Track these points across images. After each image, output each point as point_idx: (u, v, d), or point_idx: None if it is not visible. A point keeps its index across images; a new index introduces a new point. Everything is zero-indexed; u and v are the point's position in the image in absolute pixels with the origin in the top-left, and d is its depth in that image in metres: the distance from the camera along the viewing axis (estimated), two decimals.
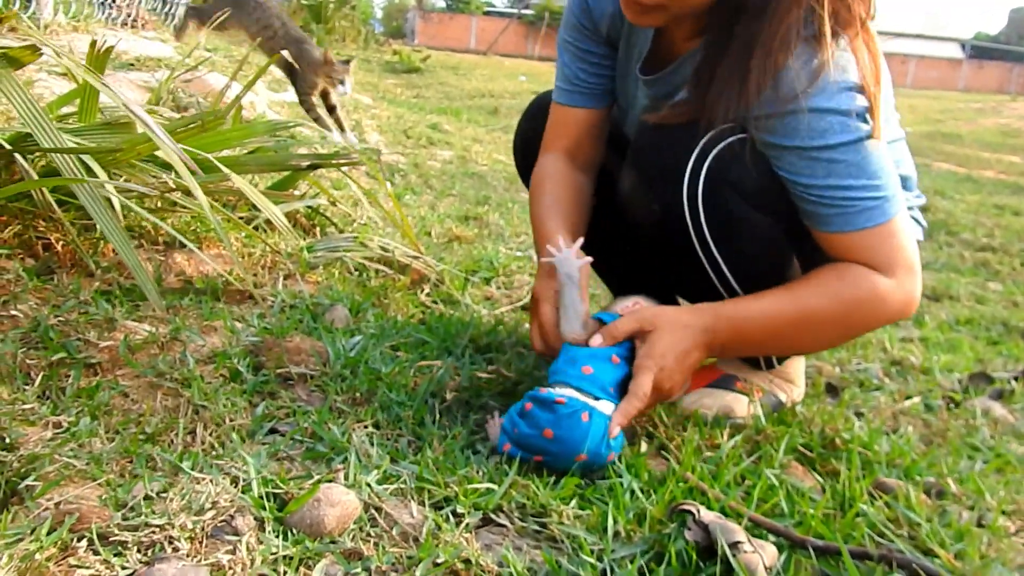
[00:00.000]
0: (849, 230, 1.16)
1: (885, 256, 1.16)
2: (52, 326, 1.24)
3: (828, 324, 1.20)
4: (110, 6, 4.17)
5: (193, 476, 0.94)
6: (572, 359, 1.15)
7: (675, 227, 1.21)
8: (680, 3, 1.13)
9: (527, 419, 1.08)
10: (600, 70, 1.41)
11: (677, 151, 1.19)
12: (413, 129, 4.57)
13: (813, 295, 1.19)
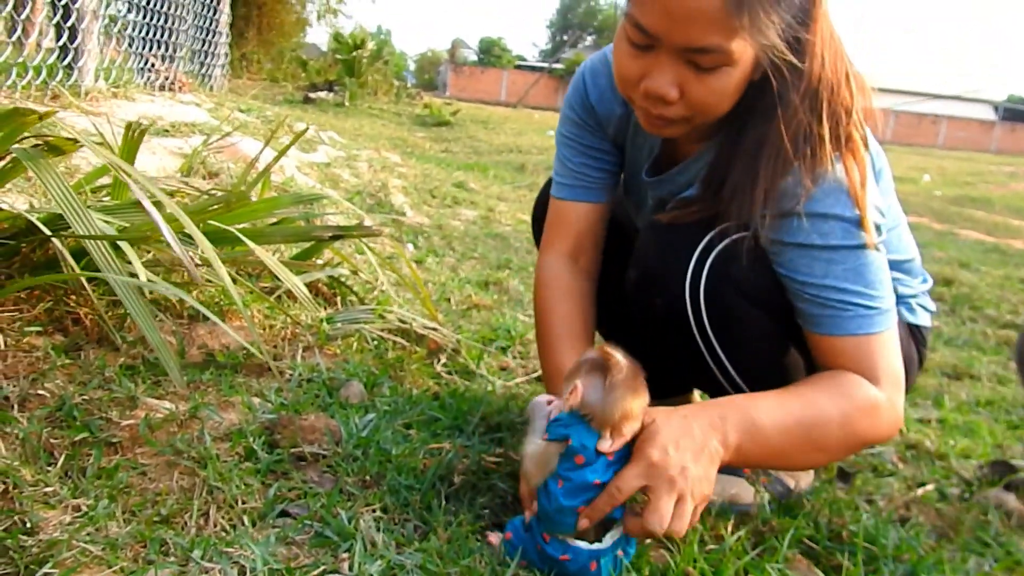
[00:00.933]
0: (840, 334, 1.17)
1: (874, 366, 1.17)
2: (76, 405, 1.29)
3: (833, 427, 1.15)
4: (149, 70, 4.33)
5: (202, 566, 0.96)
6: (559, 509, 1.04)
7: (678, 323, 1.23)
8: (703, 115, 1.17)
9: (542, 558, 1.06)
10: (604, 165, 1.45)
11: (680, 248, 1.22)
12: (439, 188, 4.66)
13: (817, 396, 1.16)
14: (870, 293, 1.16)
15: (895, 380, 1.18)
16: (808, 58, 1.12)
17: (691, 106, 1.14)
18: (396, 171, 4.82)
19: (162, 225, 1.23)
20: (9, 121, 1.37)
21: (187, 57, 4.98)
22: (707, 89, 1.12)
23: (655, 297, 1.26)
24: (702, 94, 1.12)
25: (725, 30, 1.04)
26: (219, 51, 5.60)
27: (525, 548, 1.08)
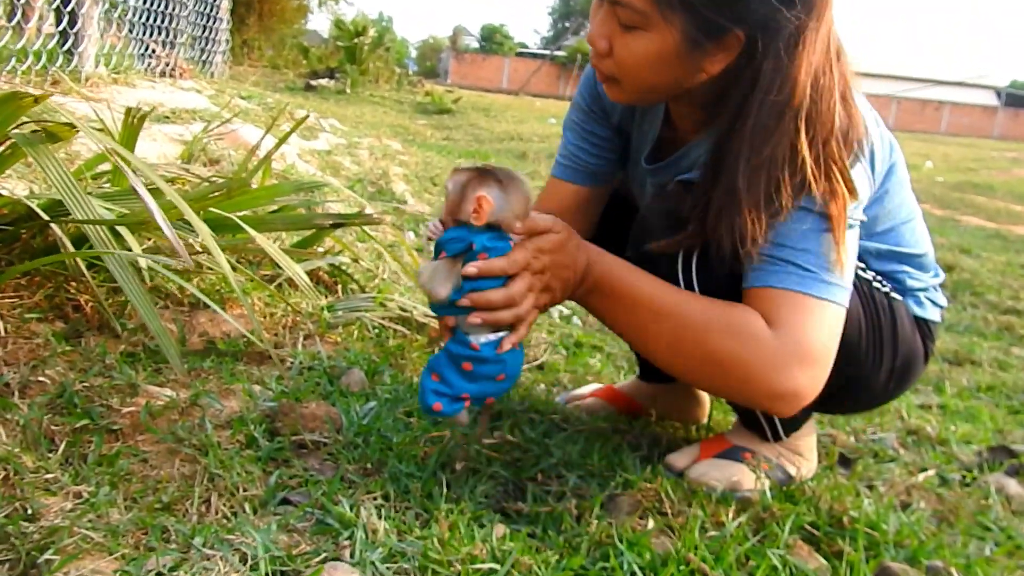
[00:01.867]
0: (759, 285, 1.16)
1: (782, 318, 1.14)
2: (77, 392, 1.29)
3: (688, 326, 1.17)
4: (150, 56, 4.32)
5: (204, 553, 0.96)
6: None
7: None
8: (630, 80, 1.17)
9: (473, 377, 1.13)
10: (600, 152, 1.47)
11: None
12: (440, 176, 4.64)
13: (694, 298, 1.19)
14: (808, 256, 1.14)
15: (805, 346, 1.13)
16: (780, 64, 1.09)
17: (618, 64, 1.16)
18: (397, 159, 4.81)
19: (154, 209, 1.23)
20: (6, 105, 1.37)
21: (188, 43, 4.96)
22: (627, 49, 1.13)
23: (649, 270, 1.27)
24: (623, 53, 1.14)
25: None
26: (220, 37, 5.58)
27: (449, 380, 1.13)
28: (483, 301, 1.09)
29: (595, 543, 1.14)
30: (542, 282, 1.14)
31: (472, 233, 1.09)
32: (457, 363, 1.14)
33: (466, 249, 1.09)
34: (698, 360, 1.20)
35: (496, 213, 1.08)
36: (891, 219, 1.34)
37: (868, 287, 1.33)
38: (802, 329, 1.14)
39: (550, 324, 2.35)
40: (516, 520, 1.20)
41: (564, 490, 1.28)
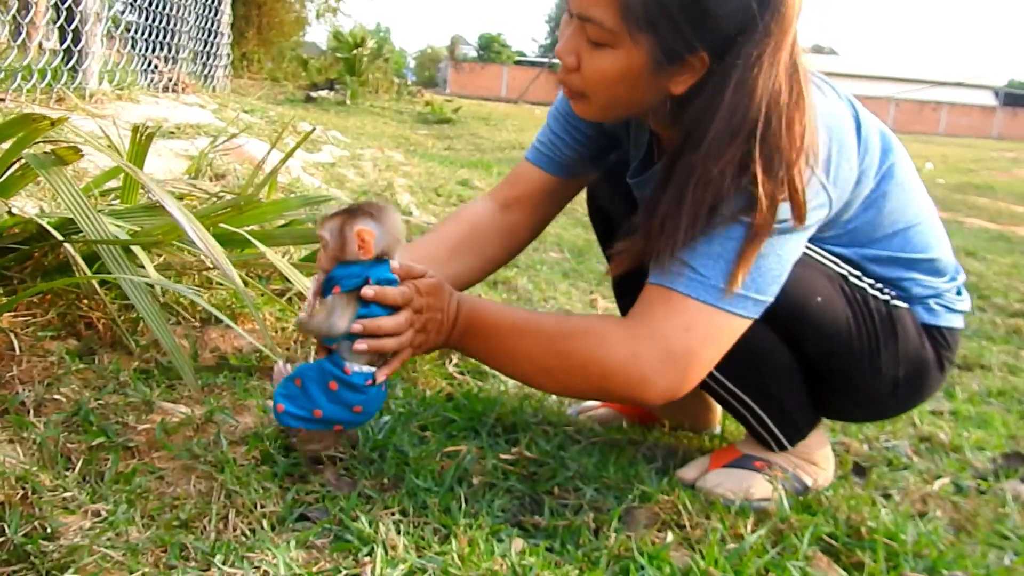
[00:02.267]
0: (659, 283, 1.18)
1: (651, 317, 1.17)
2: (92, 409, 1.29)
3: (544, 340, 1.22)
4: (152, 72, 4.33)
5: (224, 571, 0.96)
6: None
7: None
8: (597, 96, 1.18)
9: (335, 399, 1.16)
10: (578, 146, 1.48)
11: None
12: (444, 187, 4.65)
13: (548, 314, 1.25)
14: (705, 263, 1.15)
15: (667, 344, 1.16)
16: (741, 86, 1.09)
17: (584, 80, 1.17)
18: (400, 170, 4.82)
19: (187, 226, 1.23)
20: (20, 127, 1.37)
21: (190, 58, 4.97)
22: (594, 65, 1.14)
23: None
24: (590, 69, 1.15)
25: (607, 5, 1.08)
26: (221, 51, 5.60)
27: (309, 395, 1.17)
28: (374, 327, 1.13)
29: (614, 557, 1.14)
30: (420, 321, 1.19)
31: (366, 268, 1.14)
32: (325, 380, 1.16)
33: (363, 283, 1.13)
34: (562, 370, 1.22)
35: (379, 243, 1.13)
36: (892, 224, 1.32)
37: (863, 295, 1.32)
38: (663, 321, 1.17)
39: None
40: (534, 534, 1.20)
41: (581, 503, 1.28)
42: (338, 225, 1.14)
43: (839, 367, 1.35)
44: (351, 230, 1.13)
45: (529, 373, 1.28)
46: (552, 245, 3.73)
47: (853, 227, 1.31)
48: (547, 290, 2.90)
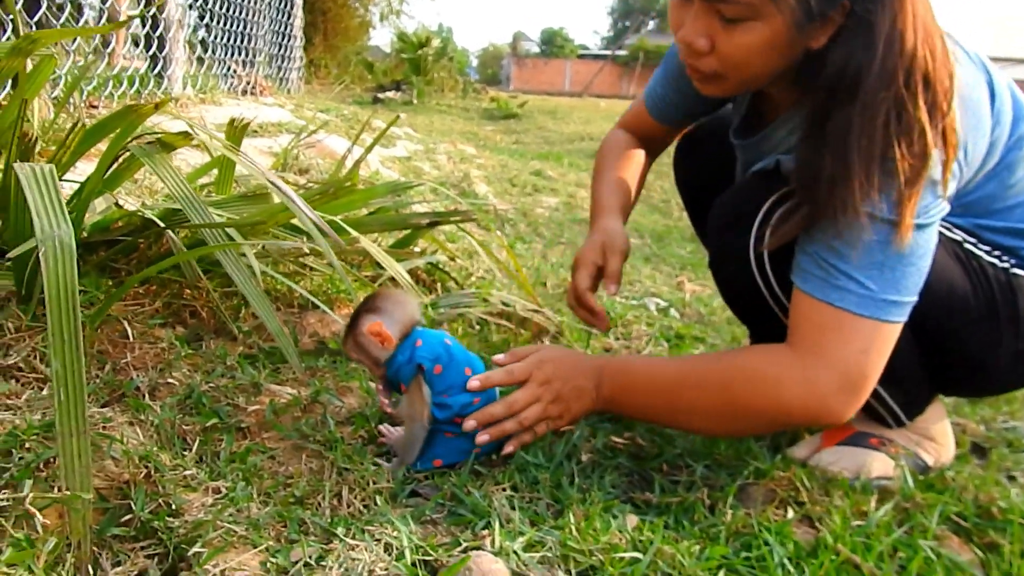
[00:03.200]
0: (806, 291, 1.13)
1: (824, 345, 1.12)
2: (204, 393, 1.31)
3: (710, 390, 1.19)
4: (231, 76, 4.43)
5: (348, 543, 0.96)
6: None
7: (752, 298, 1.24)
8: (737, 73, 1.13)
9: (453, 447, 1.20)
10: (684, 100, 1.50)
11: (743, 224, 1.21)
12: (518, 177, 4.64)
13: (703, 359, 1.23)
14: (871, 272, 1.09)
15: (843, 367, 1.11)
16: (890, 29, 1.03)
17: (722, 60, 1.11)
18: (474, 162, 4.83)
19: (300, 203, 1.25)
20: (123, 118, 1.40)
21: (265, 62, 5.08)
22: (734, 44, 1.08)
23: (728, 266, 1.27)
24: (730, 48, 1.09)
25: None
26: (294, 54, 5.70)
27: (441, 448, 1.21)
28: (486, 417, 1.19)
29: (733, 533, 1.10)
30: (551, 393, 1.22)
31: (404, 353, 1.18)
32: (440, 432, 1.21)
33: (416, 369, 1.18)
34: (733, 417, 1.21)
35: (394, 326, 1.18)
36: (1015, 196, 1.24)
37: (980, 262, 1.24)
38: (839, 348, 1.12)
39: (648, 316, 2.31)
40: (646, 511, 1.17)
41: (693, 480, 1.25)
42: (353, 341, 1.20)
43: (956, 338, 1.27)
44: (363, 336, 1.18)
45: (697, 425, 1.27)
46: (631, 231, 3.68)
47: (971, 200, 1.23)
48: (631, 274, 2.86)
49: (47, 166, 1.11)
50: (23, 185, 1.06)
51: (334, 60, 18.16)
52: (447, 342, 1.22)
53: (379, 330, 1.17)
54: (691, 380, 1.21)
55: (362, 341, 1.19)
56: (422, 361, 1.17)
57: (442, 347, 1.20)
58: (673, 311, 2.48)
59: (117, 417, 1.19)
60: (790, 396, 1.14)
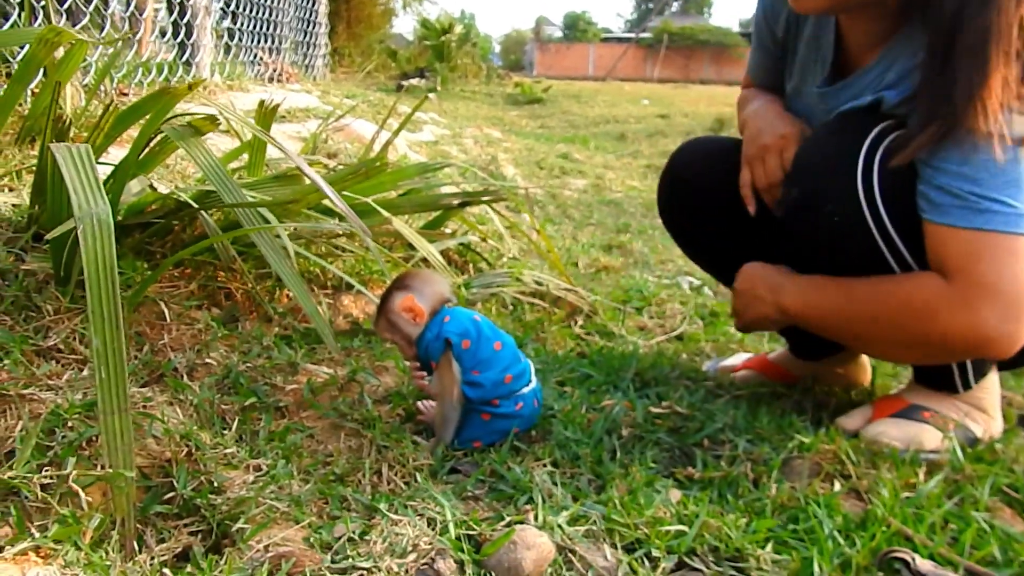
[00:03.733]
0: (958, 226, 1.09)
1: (980, 272, 1.09)
2: (241, 372, 1.31)
3: (880, 323, 1.19)
4: (258, 64, 4.44)
5: (391, 518, 0.96)
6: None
7: (854, 229, 1.17)
8: None
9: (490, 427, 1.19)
10: (774, 65, 1.47)
11: (844, 152, 1.17)
12: (545, 160, 4.62)
13: (877, 290, 1.19)
14: (1009, 190, 1.06)
15: (1000, 290, 1.08)
16: None
17: None
18: (501, 146, 4.81)
19: (324, 186, 1.24)
20: (156, 101, 1.40)
21: (291, 48, 5.09)
22: None
23: (825, 206, 1.19)
24: None
25: None
26: (320, 41, 5.70)
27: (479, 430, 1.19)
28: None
29: (779, 507, 1.08)
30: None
31: (433, 330, 1.18)
32: (477, 413, 1.19)
33: (444, 344, 1.17)
34: (900, 336, 1.20)
35: (426, 300, 1.19)
36: None
37: None
38: (997, 273, 1.08)
39: (682, 295, 2.28)
40: (688, 486, 1.15)
41: (736, 454, 1.23)
42: (385, 320, 1.20)
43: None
44: (395, 314, 1.18)
45: (873, 352, 1.38)
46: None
47: None
48: (663, 253, 2.83)
49: (83, 145, 1.11)
50: (60, 164, 1.06)
51: (357, 48, 18.15)
52: (476, 319, 1.21)
53: (411, 305, 1.17)
54: (864, 313, 1.21)
55: (394, 319, 1.19)
56: (450, 336, 1.16)
57: (471, 323, 1.19)
58: (707, 289, 2.45)
59: (156, 397, 1.19)
60: (952, 330, 1.13)
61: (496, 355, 1.18)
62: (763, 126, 1.37)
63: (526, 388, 1.20)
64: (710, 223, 1.51)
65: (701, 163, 1.49)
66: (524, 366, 1.22)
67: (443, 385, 1.18)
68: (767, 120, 1.37)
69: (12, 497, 0.94)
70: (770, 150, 1.34)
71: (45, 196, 1.38)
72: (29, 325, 1.27)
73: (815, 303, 1.27)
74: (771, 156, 1.34)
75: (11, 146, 1.88)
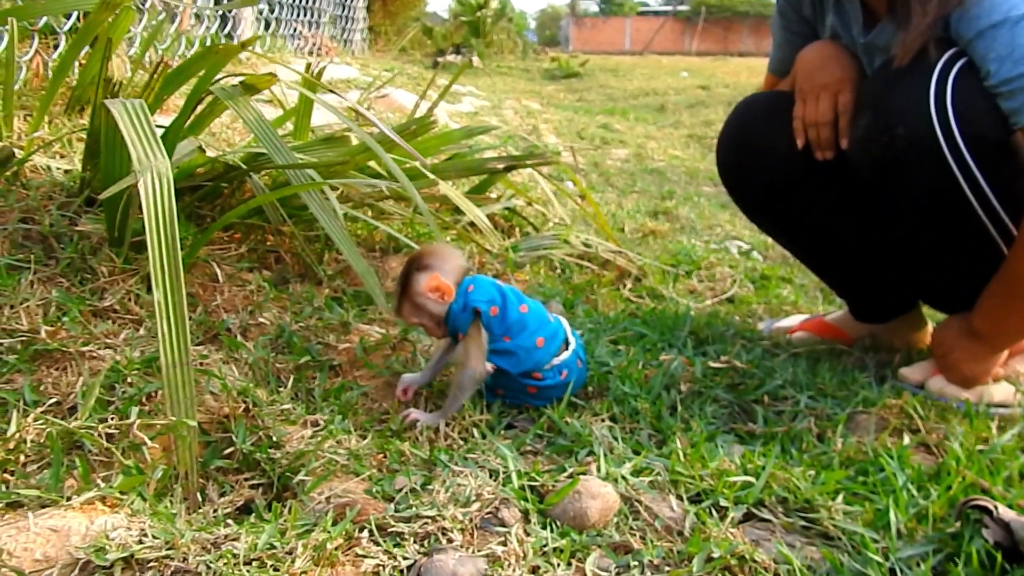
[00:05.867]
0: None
1: None
2: (294, 332, 1.31)
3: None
4: (298, 38, 4.44)
5: (452, 470, 0.95)
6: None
7: (925, 150, 1.13)
8: None
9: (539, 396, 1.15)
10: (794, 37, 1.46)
11: (915, 75, 1.15)
12: (585, 130, 4.57)
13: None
14: None
15: None
16: None
17: None
18: (541, 117, 4.77)
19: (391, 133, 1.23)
20: (206, 59, 1.39)
21: (330, 22, 5.08)
22: None
23: (896, 128, 1.16)
24: None
25: None
26: (357, 16, 5.69)
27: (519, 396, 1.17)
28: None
29: (846, 460, 1.05)
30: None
31: (459, 302, 1.12)
32: (524, 388, 1.16)
33: (474, 315, 1.12)
34: None
35: (450, 275, 1.13)
36: None
37: None
38: None
39: (731, 259, 2.24)
40: (749, 441, 1.13)
41: (797, 411, 1.20)
42: (410, 304, 1.14)
43: None
44: (422, 296, 1.12)
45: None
46: (705, 179, 3.59)
47: None
48: (710, 218, 2.79)
49: (137, 101, 1.10)
50: (116, 119, 1.05)
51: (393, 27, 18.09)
52: (499, 283, 1.18)
53: (437, 284, 1.11)
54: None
55: (420, 301, 1.13)
56: (478, 305, 1.12)
57: (495, 289, 1.15)
58: (755, 253, 2.40)
59: (212, 355, 1.19)
60: None
61: (523, 317, 1.14)
62: (820, 65, 1.33)
63: (565, 353, 1.15)
64: (772, 178, 1.46)
65: (764, 116, 1.45)
66: (554, 327, 1.17)
67: (469, 355, 1.13)
68: (824, 59, 1.33)
69: (76, 450, 0.95)
70: (827, 89, 1.30)
71: (98, 159, 1.38)
72: (85, 287, 1.28)
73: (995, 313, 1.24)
74: (825, 96, 1.30)
75: (61, 115, 1.90)
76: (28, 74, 2.09)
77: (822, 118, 1.31)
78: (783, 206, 1.46)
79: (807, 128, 1.34)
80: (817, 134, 1.32)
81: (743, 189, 1.50)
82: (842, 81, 1.30)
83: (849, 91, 1.29)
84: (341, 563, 0.77)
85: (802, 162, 1.37)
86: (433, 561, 0.77)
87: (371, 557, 0.78)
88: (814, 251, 1.53)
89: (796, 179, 1.40)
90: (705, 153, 4.51)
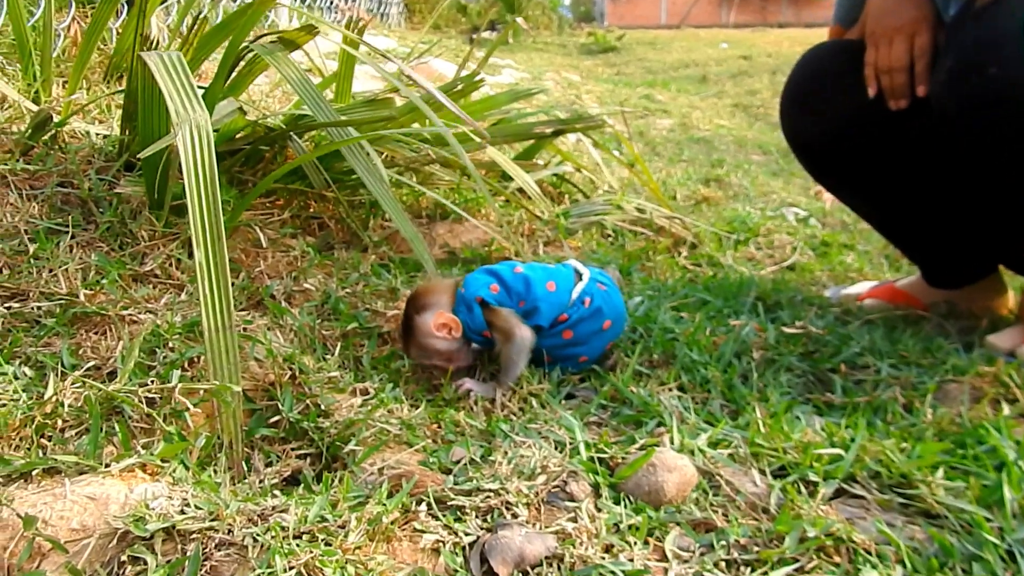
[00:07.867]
0: None
1: None
2: (341, 298, 1.25)
3: None
4: (334, 10, 4.38)
5: (514, 439, 0.88)
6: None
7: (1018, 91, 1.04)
8: None
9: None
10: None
11: (1006, 15, 1.06)
12: (628, 101, 4.46)
13: None
14: None
15: None
16: None
17: None
18: (582, 88, 4.66)
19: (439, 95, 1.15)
20: (243, 14, 1.33)
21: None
22: None
23: (987, 67, 1.07)
24: None
25: None
26: None
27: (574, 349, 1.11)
28: None
29: (939, 432, 0.96)
30: None
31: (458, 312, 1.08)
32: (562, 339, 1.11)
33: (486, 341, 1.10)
34: None
35: (443, 306, 1.08)
36: None
37: None
38: None
39: (788, 226, 2.14)
40: (827, 412, 1.04)
41: (880, 379, 1.11)
42: (417, 347, 1.09)
43: None
44: (429, 338, 1.08)
45: None
46: (754, 148, 3.47)
47: None
48: (763, 185, 2.68)
49: (175, 52, 1.04)
50: (153, 71, 0.99)
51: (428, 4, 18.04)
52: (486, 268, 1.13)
53: (444, 319, 1.07)
54: None
55: (429, 343, 1.08)
56: (477, 295, 1.07)
57: (483, 272, 1.11)
58: (813, 220, 2.29)
59: (257, 321, 1.14)
60: None
61: (524, 276, 1.09)
62: (892, 6, 1.23)
63: (580, 283, 1.10)
64: (841, 131, 1.36)
65: (831, 65, 1.35)
66: (558, 268, 1.12)
67: (508, 328, 1.07)
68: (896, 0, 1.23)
69: (115, 416, 0.89)
70: (901, 31, 1.20)
71: (135, 122, 1.33)
72: (125, 251, 1.24)
73: None
74: (900, 39, 1.20)
75: (99, 83, 1.85)
76: (66, 41, 2.05)
77: (896, 63, 1.21)
78: (852, 161, 1.36)
79: (879, 75, 1.24)
80: (891, 81, 1.22)
81: (808, 144, 1.41)
82: (917, 21, 1.20)
83: (926, 32, 1.19)
84: (398, 538, 0.71)
85: (874, 113, 1.27)
86: (498, 537, 0.70)
87: (430, 532, 0.71)
88: (886, 210, 1.43)
89: (867, 132, 1.30)
90: (752, 122, 4.37)
